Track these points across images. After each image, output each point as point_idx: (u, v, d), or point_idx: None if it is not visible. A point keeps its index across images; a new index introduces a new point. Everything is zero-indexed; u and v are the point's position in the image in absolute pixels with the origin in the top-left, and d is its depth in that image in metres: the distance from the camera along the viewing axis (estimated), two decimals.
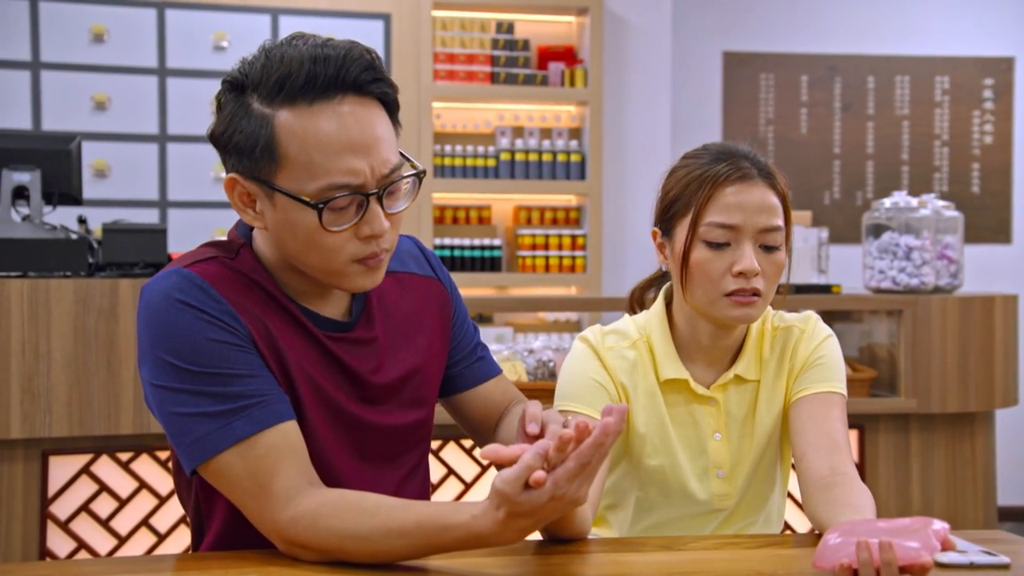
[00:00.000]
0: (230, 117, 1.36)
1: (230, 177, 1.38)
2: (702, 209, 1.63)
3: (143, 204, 4.51)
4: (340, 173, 1.32)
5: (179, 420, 1.33)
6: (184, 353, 1.32)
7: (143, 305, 1.36)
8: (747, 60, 5.66)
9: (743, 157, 1.67)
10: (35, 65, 4.44)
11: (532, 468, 1.18)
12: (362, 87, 1.34)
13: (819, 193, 5.74)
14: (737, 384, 1.74)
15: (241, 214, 1.40)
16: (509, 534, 1.23)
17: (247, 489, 1.32)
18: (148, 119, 4.53)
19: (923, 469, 3.33)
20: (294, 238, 1.36)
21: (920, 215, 3.47)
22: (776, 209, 1.65)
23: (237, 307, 1.36)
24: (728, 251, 1.63)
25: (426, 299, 1.60)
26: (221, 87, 1.39)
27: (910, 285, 3.41)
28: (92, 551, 2.81)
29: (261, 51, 1.36)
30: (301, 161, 1.32)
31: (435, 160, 4.73)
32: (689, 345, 1.74)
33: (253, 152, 1.33)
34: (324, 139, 1.32)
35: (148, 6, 4.53)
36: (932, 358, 3.29)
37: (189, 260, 1.41)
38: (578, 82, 4.84)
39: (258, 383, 1.35)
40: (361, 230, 1.36)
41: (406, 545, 1.27)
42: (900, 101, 5.82)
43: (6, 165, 2.91)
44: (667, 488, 1.71)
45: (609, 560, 1.36)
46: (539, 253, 4.82)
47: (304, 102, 1.32)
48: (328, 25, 4.67)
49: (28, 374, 2.71)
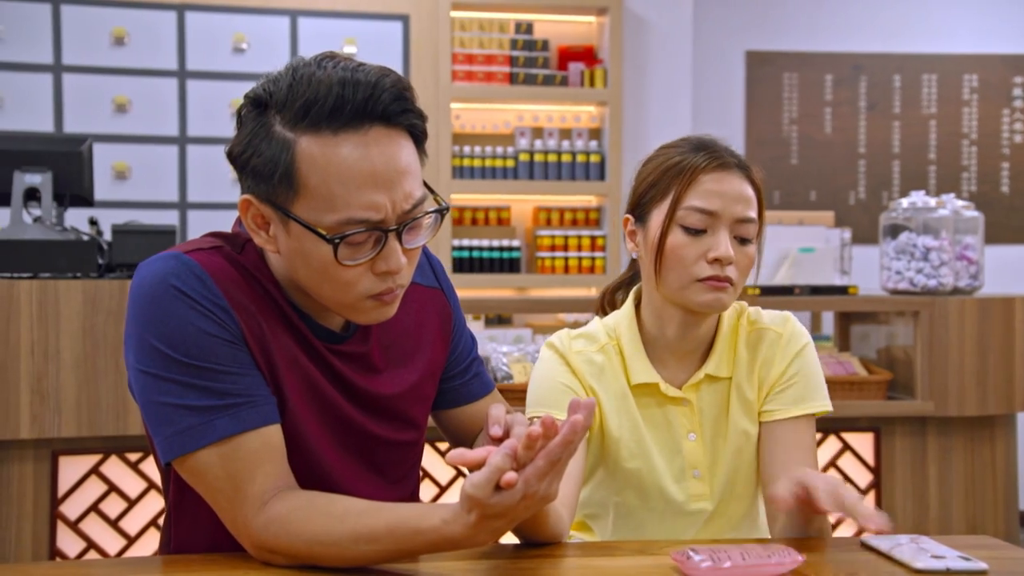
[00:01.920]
0: (250, 136, 1.30)
1: (244, 199, 1.33)
2: (681, 194, 1.63)
3: (163, 206, 4.54)
4: (360, 208, 1.27)
5: (161, 410, 1.30)
6: (175, 342, 1.29)
7: (136, 284, 1.33)
8: (770, 59, 5.61)
9: (721, 150, 1.67)
10: (57, 68, 4.48)
11: (502, 469, 1.16)
12: (391, 118, 1.29)
13: (844, 193, 5.68)
14: (710, 383, 1.72)
15: (253, 236, 1.35)
16: (482, 536, 1.22)
17: (222, 490, 1.31)
18: (168, 121, 4.56)
19: (941, 474, 3.28)
20: (307, 267, 1.32)
21: (939, 215, 3.42)
22: (752, 201, 1.65)
23: (232, 302, 1.33)
24: (704, 238, 1.62)
25: (427, 312, 1.57)
26: (243, 101, 1.34)
27: (928, 286, 3.36)
28: (101, 551, 2.82)
29: (288, 70, 1.31)
30: (320, 192, 1.27)
31: (454, 161, 4.73)
32: (658, 345, 1.73)
33: (271, 177, 1.28)
34: (346, 171, 1.26)
35: (168, 8, 4.56)
36: (949, 360, 3.24)
37: (192, 247, 1.37)
38: (598, 82, 4.82)
39: (246, 382, 1.32)
40: (377, 266, 1.31)
41: (376, 551, 1.26)
42: (927, 100, 5.75)
43: (18, 167, 2.93)
44: (644, 491, 1.69)
45: (581, 564, 1.34)
46: (558, 254, 4.80)
47: (329, 130, 1.26)
48: (347, 27, 4.68)
49: (38, 374, 2.72)
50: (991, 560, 1.29)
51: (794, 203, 5.61)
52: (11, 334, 2.70)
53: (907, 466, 3.28)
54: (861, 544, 1.41)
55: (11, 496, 2.77)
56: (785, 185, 5.64)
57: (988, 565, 1.27)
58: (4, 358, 2.70)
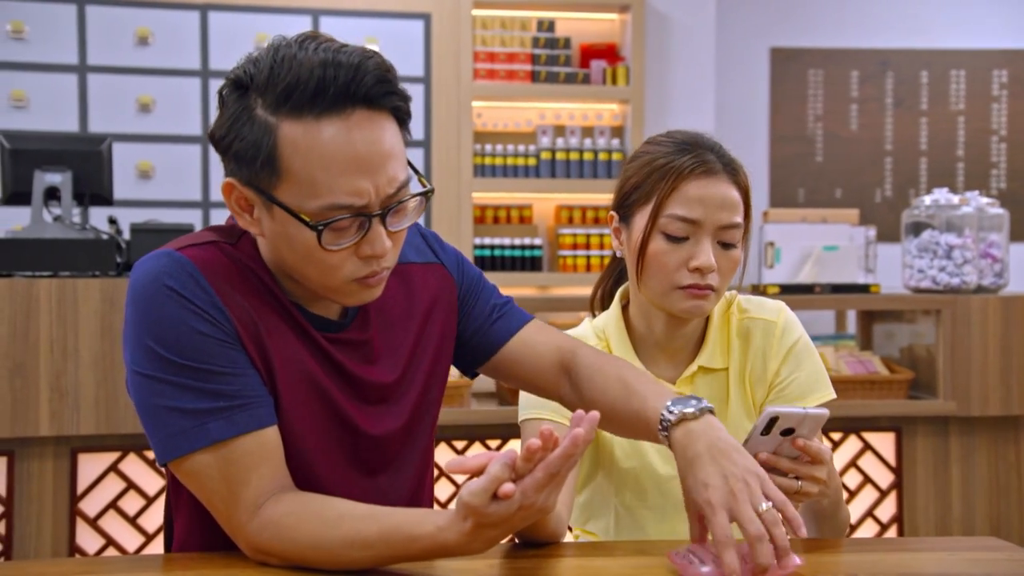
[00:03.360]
0: (232, 120, 1.27)
1: (227, 182, 1.30)
2: (664, 200, 1.59)
3: (186, 205, 4.57)
4: (343, 193, 1.25)
5: (156, 412, 1.29)
6: (169, 342, 1.28)
7: (131, 284, 1.32)
8: (795, 56, 5.57)
9: (708, 149, 1.63)
10: (82, 68, 4.52)
11: (500, 479, 1.15)
12: (374, 100, 1.26)
13: (870, 191, 5.63)
14: (704, 375, 1.70)
15: (237, 218, 1.32)
16: (476, 544, 1.20)
17: (216, 491, 1.30)
18: (191, 120, 4.59)
19: (964, 474, 3.24)
20: (291, 251, 1.30)
21: (962, 212, 3.38)
22: (737, 206, 1.62)
23: (225, 298, 1.31)
24: (686, 245, 1.60)
25: (428, 288, 1.53)
26: (224, 83, 1.30)
27: (951, 284, 3.32)
28: (120, 548, 2.84)
29: (270, 51, 1.26)
30: (303, 177, 1.24)
31: (475, 159, 4.72)
32: (647, 343, 1.71)
33: (254, 162, 1.25)
34: (329, 157, 1.23)
35: (192, 8, 4.59)
36: (972, 359, 3.20)
37: (185, 243, 1.35)
38: (620, 80, 4.80)
39: (241, 382, 1.30)
40: (362, 250, 1.29)
41: (370, 556, 1.25)
42: (955, 96, 5.69)
43: (38, 167, 2.96)
44: (642, 490, 1.68)
45: (580, 564, 1.33)
46: (580, 252, 4.79)
47: (311, 115, 1.23)
48: (369, 25, 4.69)
49: (56, 372, 2.75)
50: (996, 563, 1.27)
51: (819, 201, 5.57)
52: (31, 332, 2.73)
53: (929, 466, 3.24)
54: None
55: (31, 493, 2.79)
56: (810, 183, 5.60)
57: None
58: (24, 356, 2.72)
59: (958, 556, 1.32)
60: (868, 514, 3.22)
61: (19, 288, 2.72)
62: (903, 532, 3.22)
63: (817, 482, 1.35)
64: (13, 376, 2.72)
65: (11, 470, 2.78)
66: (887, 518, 3.23)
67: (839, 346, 3.51)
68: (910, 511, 3.22)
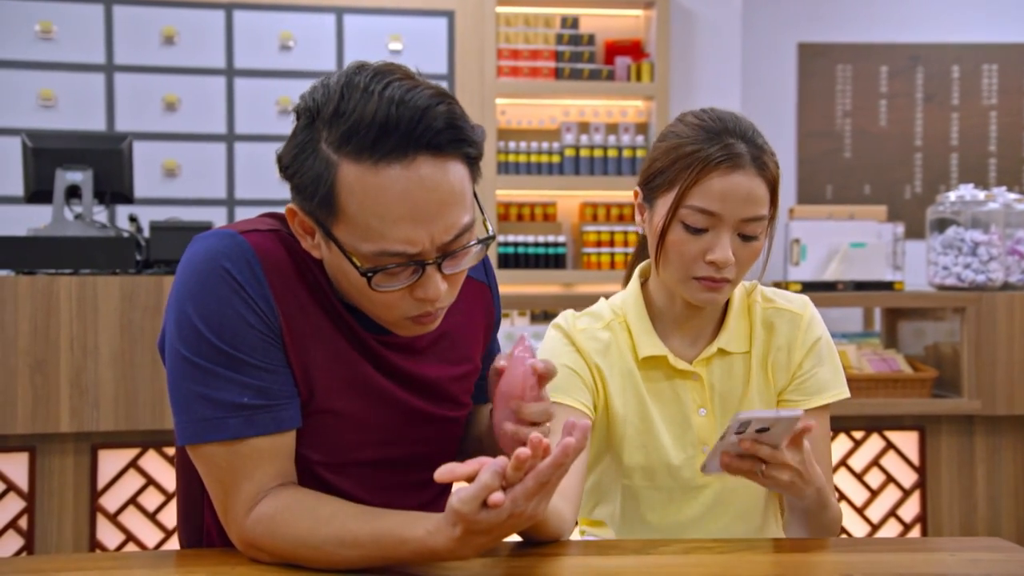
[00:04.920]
0: (298, 149, 1.25)
1: (290, 207, 1.30)
2: (686, 192, 1.57)
3: (211, 203, 4.59)
4: (396, 242, 1.22)
5: (185, 394, 1.30)
6: (212, 323, 1.28)
7: (188, 257, 1.31)
8: (823, 51, 5.52)
9: (739, 137, 1.59)
10: (109, 68, 4.55)
11: (490, 488, 1.14)
12: (440, 147, 1.22)
13: (899, 187, 5.57)
14: (722, 357, 1.70)
15: (300, 240, 1.32)
16: (465, 550, 1.20)
17: (221, 480, 1.31)
18: (216, 119, 4.62)
19: (989, 474, 3.20)
20: (347, 283, 1.30)
21: (988, 208, 3.33)
22: (762, 199, 1.59)
23: (277, 292, 1.31)
24: (705, 237, 1.58)
25: (475, 304, 1.54)
26: (299, 103, 1.28)
27: (976, 282, 3.27)
28: (140, 543, 2.86)
29: (340, 83, 1.23)
30: (358, 221, 1.22)
31: (499, 157, 4.72)
32: (666, 319, 1.71)
33: (313, 196, 1.24)
34: (384, 206, 1.20)
35: (217, 7, 4.62)
36: (997, 357, 3.16)
37: (250, 227, 1.35)
38: (645, 77, 4.78)
39: (272, 379, 1.31)
40: (416, 292, 1.28)
41: (360, 556, 1.25)
42: (987, 90, 5.61)
43: (59, 165, 2.99)
44: (652, 470, 1.67)
45: (580, 563, 1.33)
46: (604, 250, 4.77)
47: (370, 160, 1.19)
48: (392, 23, 4.70)
49: (77, 369, 2.77)
50: (995, 563, 1.25)
51: (847, 197, 5.52)
52: (51, 329, 2.75)
53: (954, 466, 3.20)
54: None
55: (52, 488, 2.82)
56: (838, 179, 5.55)
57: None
58: (45, 353, 2.75)
59: (957, 557, 1.30)
60: (891, 513, 3.19)
61: (40, 286, 2.75)
62: (927, 532, 3.18)
63: (785, 467, 1.37)
64: (34, 373, 2.75)
65: (33, 466, 2.81)
66: (910, 518, 3.19)
67: (863, 344, 3.47)
68: (934, 511, 3.19)
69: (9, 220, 4.19)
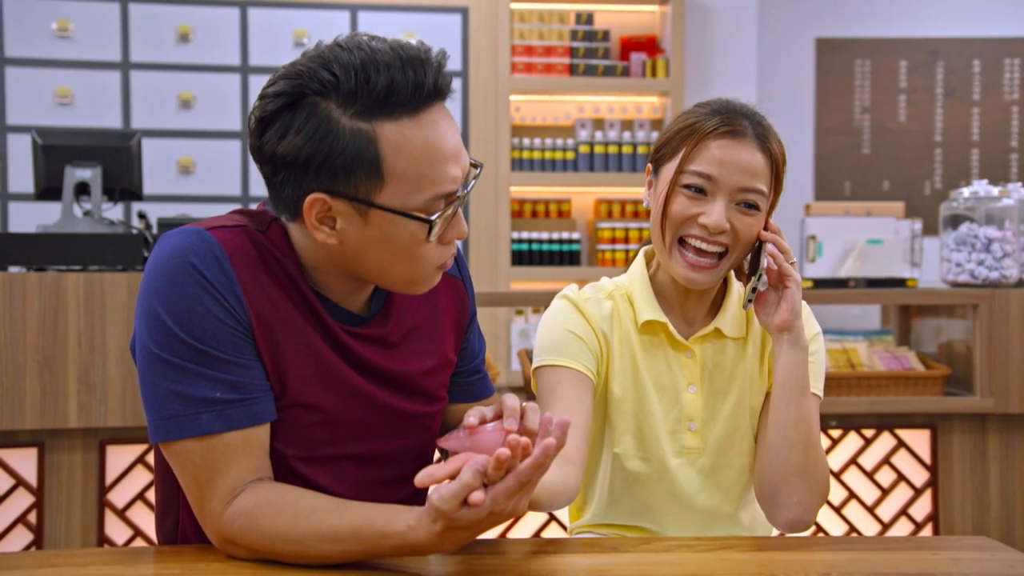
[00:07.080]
0: (311, 136, 1.26)
1: (314, 197, 1.29)
2: (687, 156, 1.63)
3: (226, 200, 4.61)
4: (446, 182, 1.30)
5: (156, 391, 1.31)
6: (182, 319, 1.29)
7: (156, 255, 1.32)
8: (841, 46, 5.47)
9: (743, 116, 1.66)
10: (125, 65, 4.58)
11: (471, 486, 1.15)
12: (444, 91, 1.32)
13: (918, 183, 5.52)
14: (717, 339, 1.74)
15: (314, 232, 1.32)
16: (446, 545, 1.21)
17: (196, 477, 1.31)
18: (231, 116, 4.64)
19: (1002, 473, 3.16)
20: (385, 252, 1.32)
21: (1002, 204, 3.29)
22: (760, 172, 1.63)
23: (246, 287, 1.32)
24: (703, 202, 1.62)
25: (447, 298, 1.56)
26: (277, 102, 1.29)
27: (990, 278, 3.23)
28: (148, 539, 2.88)
29: (340, 65, 1.26)
30: (409, 175, 1.28)
31: (513, 153, 4.71)
32: (668, 292, 1.74)
33: (352, 172, 1.27)
34: (431, 150, 1.28)
35: (231, 5, 4.63)
36: (1011, 355, 3.12)
37: (216, 223, 1.36)
38: (660, 72, 4.75)
39: (243, 373, 1.31)
40: (448, 234, 1.35)
41: (340, 551, 1.25)
42: (1009, 85, 5.55)
43: (69, 162, 3.01)
44: (642, 438, 1.70)
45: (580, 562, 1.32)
46: (619, 247, 4.75)
47: (406, 115, 1.27)
48: (406, 20, 4.70)
49: (84, 365, 2.78)
50: (978, 562, 1.23)
51: (866, 194, 5.47)
52: (59, 325, 2.77)
53: (966, 465, 3.16)
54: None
55: (61, 484, 2.84)
56: (856, 175, 5.50)
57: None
58: (53, 349, 2.76)
59: (941, 556, 1.29)
60: (902, 512, 3.16)
61: (48, 282, 2.77)
62: (938, 531, 3.15)
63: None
64: (42, 369, 2.76)
65: (41, 461, 2.83)
66: (922, 517, 3.16)
67: (875, 341, 3.44)
68: (946, 510, 3.15)
69: (22, 217, 4.22)
